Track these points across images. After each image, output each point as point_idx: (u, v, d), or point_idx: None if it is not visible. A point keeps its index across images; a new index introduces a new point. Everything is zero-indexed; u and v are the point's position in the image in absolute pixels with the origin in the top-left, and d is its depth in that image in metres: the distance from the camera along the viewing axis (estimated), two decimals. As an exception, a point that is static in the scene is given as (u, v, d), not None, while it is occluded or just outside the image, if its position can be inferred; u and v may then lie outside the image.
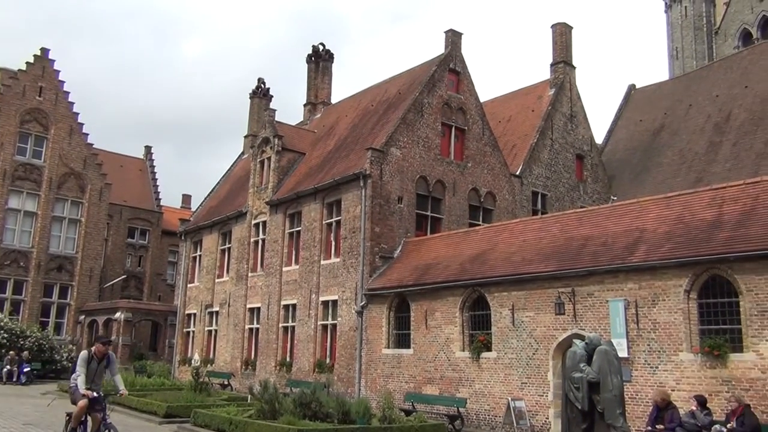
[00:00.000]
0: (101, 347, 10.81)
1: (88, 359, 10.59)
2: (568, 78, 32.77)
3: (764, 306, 13.79)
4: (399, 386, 21.74)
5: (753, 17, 58.76)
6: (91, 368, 10.60)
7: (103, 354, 10.80)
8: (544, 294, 17.93)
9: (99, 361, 10.73)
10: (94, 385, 10.58)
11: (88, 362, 10.57)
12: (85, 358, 10.57)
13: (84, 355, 10.67)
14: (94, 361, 10.68)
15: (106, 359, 10.86)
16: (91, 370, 10.61)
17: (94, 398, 10.28)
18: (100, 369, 10.77)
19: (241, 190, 34.84)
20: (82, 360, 10.56)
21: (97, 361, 10.70)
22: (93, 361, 10.66)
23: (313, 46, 39.78)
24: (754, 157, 27.40)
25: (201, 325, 34.23)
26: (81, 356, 10.67)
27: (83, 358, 10.56)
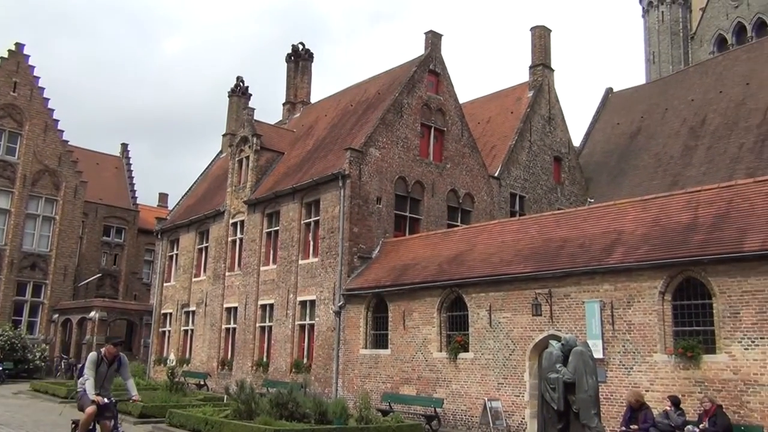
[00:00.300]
0: (112, 348, 9.93)
1: (97, 361, 9.72)
2: (547, 81, 32.99)
3: (737, 308, 13.99)
4: (376, 386, 21.73)
5: (728, 23, 59.64)
6: (100, 371, 9.74)
7: (114, 356, 9.91)
8: (521, 295, 18.03)
9: (109, 363, 9.89)
10: (104, 390, 9.73)
11: (97, 365, 9.71)
12: (95, 361, 9.70)
13: (93, 357, 9.77)
14: (104, 363, 9.81)
15: (117, 361, 9.98)
16: (101, 374, 9.74)
17: (104, 404, 9.40)
18: (110, 372, 9.93)
19: (218, 189, 34.61)
20: (91, 362, 9.67)
21: (107, 364, 9.85)
22: (103, 364, 9.79)
23: (293, 45, 39.68)
24: (728, 161, 27.80)
25: (177, 324, 33.94)
26: (90, 358, 9.77)
27: (92, 361, 9.68)
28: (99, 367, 9.72)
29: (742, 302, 13.92)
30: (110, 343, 10.08)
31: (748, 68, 31.36)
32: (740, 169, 26.33)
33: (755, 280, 13.79)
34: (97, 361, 9.70)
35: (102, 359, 9.78)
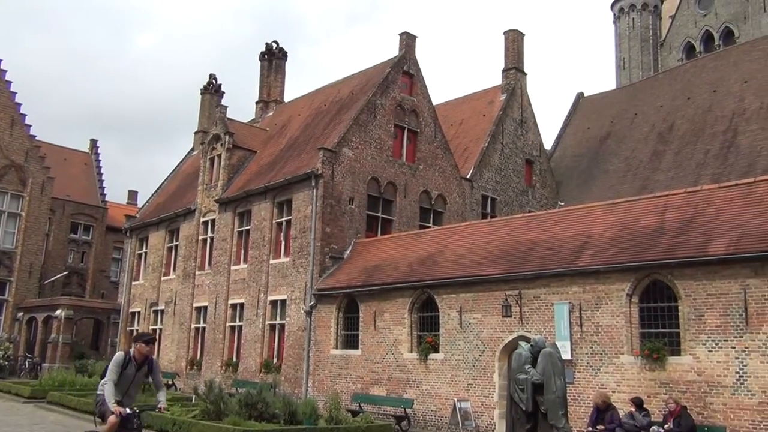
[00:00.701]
0: (143, 347, 8.28)
1: (123, 363, 8.12)
2: (519, 84, 33.28)
3: (701, 311, 14.27)
4: (346, 387, 21.72)
5: (696, 31, 60.76)
6: (126, 375, 8.15)
7: (144, 357, 8.30)
8: (491, 296, 18.18)
9: (138, 366, 8.28)
10: (128, 398, 8.23)
11: (122, 367, 8.11)
12: (120, 362, 8.10)
13: (119, 358, 8.17)
14: (131, 365, 8.19)
15: (148, 364, 8.38)
16: (126, 378, 8.16)
17: (126, 415, 7.78)
18: (138, 377, 8.35)
19: (189, 187, 34.29)
20: (116, 364, 8.09)
21: (135, 367, 8.24)
22: (130, 366, 8.18)
23: (267, 43, 39.47)
24: (694, 167, 28.32)
25: (145, 323, 33.55)
26: (115, 359, 8.18)
27: (117, 362, 8.09)
28: (125, 370, 8.15)
29: (707, 305, 14.21)
30: (141, 341, 8.37)
31: (715, 76, 31.99)
32: (706, 175, 26.85)
33: (719, 284, 14.08)
34: (123, 363, 8.13)
35: (130, 360, 8.19)
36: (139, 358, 8.25)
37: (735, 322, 13.79)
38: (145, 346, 8.31)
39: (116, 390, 7.94)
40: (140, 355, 8.25)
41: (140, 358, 8.26)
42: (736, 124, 28.60)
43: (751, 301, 13.60)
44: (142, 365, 8.31)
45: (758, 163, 25.57)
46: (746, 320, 13.61)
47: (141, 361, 8.29)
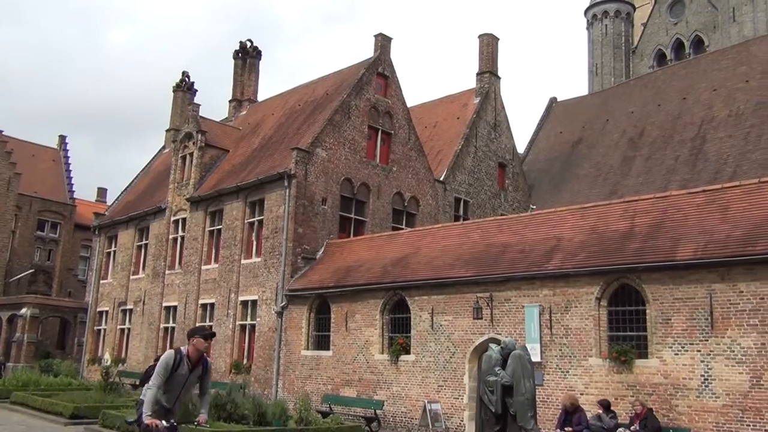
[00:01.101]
0: (201, 343, 6.87)
1: (173, 364, 6.71)
2: (493, 88, 33.47)
3: (668, 314, 14.48)
4: (317, 388, 21.64)
5: (668, 39, 61.77)
6: (177, 377, 6.75)
7: (200, 356, 6.93)
8: (463, 298, 18.24)
9: (191, 368, 6.85)
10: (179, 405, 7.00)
11: (173, 369, 6.70)
12: (169, 363, 6.69)
13: (168, 358, 6.73)
14: (183, 366, 6.77)
15: (203, 365, 7.01)
16: (178, 381, 6.77)
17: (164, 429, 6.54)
18: (191, 380, 6.93)
19: (160, 185, 33.89)
20: (164, 366, 6.66)
21: (189, 367, 6.82)
22: (182, 366, 6.76)
23: (241, 42, 39.20)
24: (664, 172, 28.76)
25: (113, 323, 33.09)
26: (164, 359, 6.74)
27: (166, 363, 6.68)
28: (175, 372, 6.72)
29: (674, 309, 14.42)
30: (198, 335, 6.96)
31: (685, 84, 32.53)
32: (675, 180, 27.28)
33: (686, 288, 14.30)
34: (173, 364, 6.72)
35: (181, 361, 6.76)
36: (194, 356, 6.86)
37: (701, 326, 14.01)
38: (204, 341, 6.92)
39: (165, 396, 6.66)
40: (196, 352, 6.87)
41: (196, 356, 6.87)
42: (705, 131, 29.12)
43: (717, 305, 13.84)
44: (196, 365, 6.90)
45: (725, 170, 26.06)
46: (711, 324, 13.84)
47: (196, 360, 6.89)
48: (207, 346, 7.03)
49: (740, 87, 29.66)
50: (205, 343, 6.94)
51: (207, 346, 7.03)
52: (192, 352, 6.85)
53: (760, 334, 13.26)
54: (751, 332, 13.37)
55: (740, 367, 13.40)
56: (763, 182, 15.78)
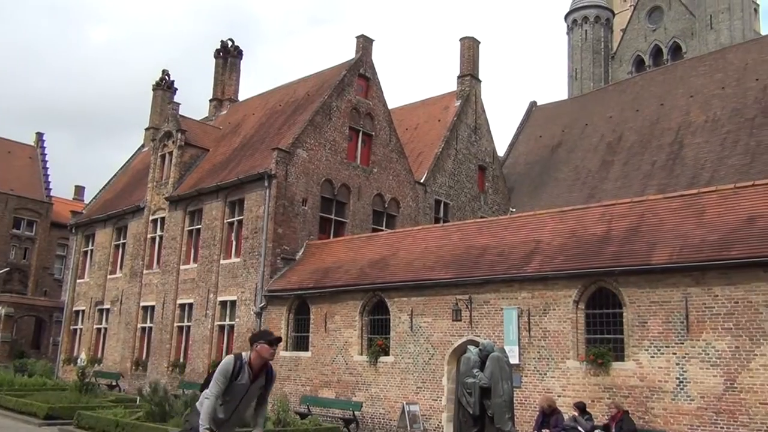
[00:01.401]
0: (266, 350, 6.04)
1: (233, 371, 5.96)
2: (474, 91, 33.62)
3: (645, 318, 14.65)
4: (295, 389, 21.58)
5: (646, 45, 62.50)
6: (236, 387, 5.98)
7: (262, 366, 6.12)
8: (442, 300, 18.30)
9: (255, 375, 6.07)
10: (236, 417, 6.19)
11: (232, 377, 5.95)
12: (228, 370, 5.93)
13: (227, 364, 5.96)
14: (243, 375, 5.99)
15: (266, 374, 6.21)
16: (237, 391, 6.00)
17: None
18: (251, 392, 6.11)
19: (139, 184, 33.60)
20: (223, 372, 5.92)
21: (250, 376, 6.03)
22: (243, 375, 5.99)
23: (222, 41, 38.97)
24: (641, 177, 29.07)
25: (90, 322, 32.72)
26: (223, 365, 5.97)
27: (225, 370, 5.92)
28: (236, 380, 5.97)
29: (650, 312, 14.59)
30: (263, 340, 6.08)
31: (663, 89, 32.92)
32: (652, 185, 27.59)
33: (662, 292, 14.48)
34: (233, 371, 5.95)
35: (242, 369, 6.00)
36: (257, 364, 6.05)
37: (676, 329, 14.20)
38: (269, 348, 6.06)
39: (221, 408, 5.92)
40: (259, 360, 6.04)
41: (259, 364, 6.06)
42: (682, 136, 29.49)
43: (692, 309, 14.02)
44: (258, 374, 6.09)
45: (702, 175, 26.40)
46: (687, 327, 14.02)
47: (259, 368, 6.07)
48: (272, 353, 6.09)
49: (717, 93, 30.09)
50: (270, 349, 6.06)
51: (272, 353, 6.09)
52: (254, 360, 6.03)
53: (734, 337, 13.46)
54: (726, 336, 13.57)
55: (714, 370, 13.59)
56: (738, 188, 16.04)
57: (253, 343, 6.10)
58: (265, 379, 6.17)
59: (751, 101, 28.30)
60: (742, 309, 13.46)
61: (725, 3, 54.19)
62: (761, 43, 32.26)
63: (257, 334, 6.23)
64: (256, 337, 6.17)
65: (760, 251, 13.42)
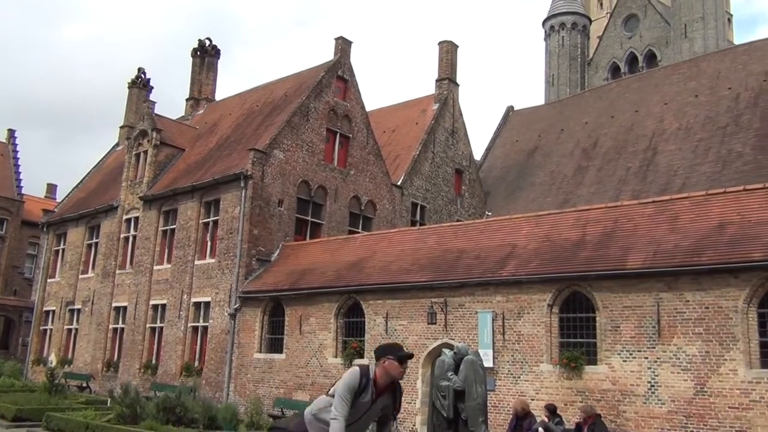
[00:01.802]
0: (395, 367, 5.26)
1: (359, 387, 5.17)
2: (452, 95, 33.73)
3: (617, 322, 14.79)
4: (269, 391, 21.44)
5: (622, 52, 63.25)
6: (358, 406, 5.18)
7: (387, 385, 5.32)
8: (417, 303, 18.32)
9: (378, 393, 5.27)
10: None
11: (357, 393, 5.17)
12: (354, 386, 5.15)
13: (353, 379, 5.17)
14: (367, 393, 5.21)
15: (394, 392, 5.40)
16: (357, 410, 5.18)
17: None
18: (371, 412, 5.32)
19: (113, 183, 33.19)
20: (349, 388, 5.14)
21: (373, 394, 5.24)
22: (365, 394, 5.20)
23: (200, 40, 38.61)
24: (616, 183, 29.37)
25: (60, 323, 32.22)
26: (348, 380, 5.17)
27: (350, 385, 5.14)
28: (359, 398, 5.17)
29: (623, 317, 14.74)
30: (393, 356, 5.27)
31: (638, 96, 33.30)
32: (626, 191, 27.89)
33: (635, 296, 14.63)
34: (359, 387, 5.17)
35: (366, 385, 5.21)
36: (382, 382, 5.27)
37: (648, 333, 14.35)
38: (399, 366, 5.25)
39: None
40: (386, 377, 5.27)
41: (384, 382, 5.28)
42: (656, 143, 29.86)
43: (664, 314, 14.19)
44: (382, 393, 5.30)
45: (674, 182, 26.75)
46: (659, 332, 14.18)
47: (384, 386, 5.30)
48: (402, 372, 5.28)
49: (690, 101, 30.52)
50: (400, 367, 5.26)
51: (402, 372, 5.28)
52: (380, 377, 5.25)
53: (704, 342, 13.64)
54: (696, 340, 13.75)
55: (685, 374, 13.76)
56: (710, 194, 16.28)
57: (380, 358, 5.31)
58: (391, 398, 5.37)
59: (724, 110, 28.75)
60: (712, 314, 13.65)
61: (699, 12, 55.05)
62: (734, 52, 32.79)
63: (385, 348, 5.40)
64: (383, 351, 5.36)
65: (730, 257, 13.64)
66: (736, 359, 13.25)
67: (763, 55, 29.58)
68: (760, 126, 26.63)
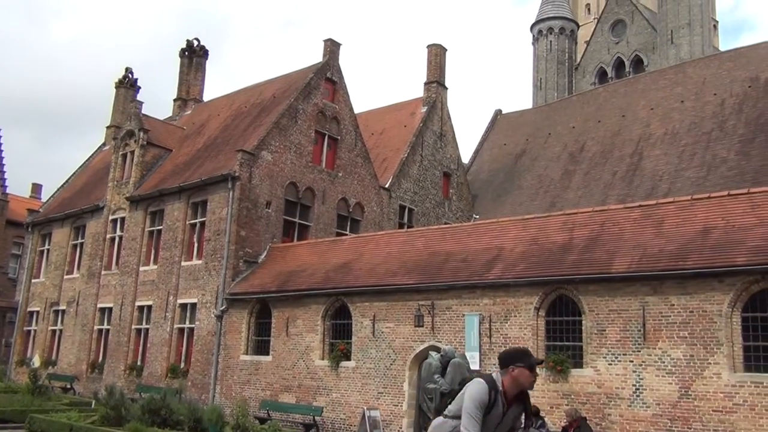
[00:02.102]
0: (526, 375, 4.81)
1: (489, 400, 4.73)
2: (440, 98, 33.81)
3: (603, 326, 14.88)
4: (255, 393, 21.37)
5: (609, 57, 63.63)
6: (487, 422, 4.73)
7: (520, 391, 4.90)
8: (404, 306, 18.33)
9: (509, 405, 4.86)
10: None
11: (489, 407, 4.73)
12: (484, 400, 4.71)
13: (481, 393, 4.73)
14: (498, 406, 4.77)
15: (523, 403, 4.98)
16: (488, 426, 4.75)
17: None
18: (503, 425, 4.86)
19: (99, 183, 32.97)
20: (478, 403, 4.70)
21: (504, 406, 4.82)
22: (497, 406, 4.77)
23: (188, 40, 38.47)
24: (602, 187, 29.56)
25: (44, 323, 31.96)
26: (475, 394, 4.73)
27: (479, 400, 4.70)
28: (491, 412, 4.74)
29: (609, 320, 14.83)
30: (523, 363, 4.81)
31: (625, 101, 33.55)
32: (613, 195, 28.07)
33: (621, 300, 14.73)
34: (489, 400, 4.71)
35: (497, 398, 4.77)
36: (512, 392, 4.84)
37: (634, 337, 14.45)
38: (530, 374, 4.82)
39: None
40: (516, 387, 4.84)
41: (514, 392, 4.86)
42: (642, 148, 30.08)
43: (649, 317, 14.29)
44: (512, 403, 4.88)
45: (660, 186, 26.96)
46: (644, 336, 14.29)
47: (514, 396, 4.87)
48: (533, 381, 4.85)
49: (676, 107, 30.77)
50: (531, 376, 4.81)
51: (533, 381, 4.85)
52: (508, 386, 4.82)
53: (689, 346, 13.75)
54: (681, 344, 13.86)
55: (670, 377, 13.87)
56: (695, 199, 16.42)
57: (508, 365, 4.85)
58: (521, 408, 4.95)
59: (709, 115, 29.01)
60: (697, 318, 13.77)
61: (686, 19, 55.52)
62: (719, 58, 33.11)
63: (513, 354, 4.92)
64: (511, 358, 4.88)
65: (715, 262, 13.77)
66: (720, 363, 13.37)
67: (748, 61, 29.89)
68: (745, 132, 26.91)
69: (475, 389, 4.74)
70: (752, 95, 28.35)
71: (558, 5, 68.23)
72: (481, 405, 4.67)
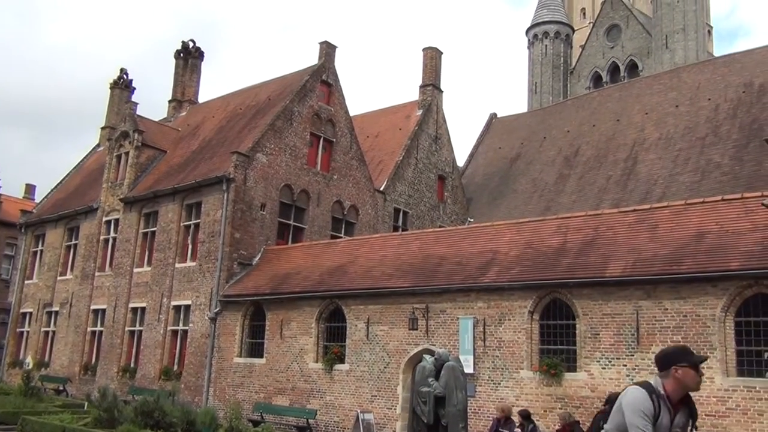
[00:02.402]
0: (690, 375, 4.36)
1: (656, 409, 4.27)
2: (436, 101, 33.85)
3: (597, 329, 14.91)
4: (249, 396, 21.32)
5: (604, 62, 63.83)
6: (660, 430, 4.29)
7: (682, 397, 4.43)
8: (399, 309, 18.33)
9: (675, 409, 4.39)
10: None
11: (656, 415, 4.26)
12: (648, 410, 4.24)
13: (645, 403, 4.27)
14: (663, 414, 4.30)
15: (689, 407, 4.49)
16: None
17: None
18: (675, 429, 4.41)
19: (93, 184, 32.87)
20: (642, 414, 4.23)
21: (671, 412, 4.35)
22: (663, 415, 4.29)
23: (183, 42, 38.41)
24: (596, 191, 29.62)
25: (37, 325, 31.83)
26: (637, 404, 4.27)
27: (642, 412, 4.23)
28: (659, 420, 4.28)
29: (602, 324, 14.86)
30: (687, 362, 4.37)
31: (620, 106, 33.63)
32: (607, 199, 28.13)
33: (614, 304, 14.76)
34: (655, 409, 4.26)
35: (661, 405, 4.30)
36: (676, 395, 4.37)
37: (627, 341, 14.47)
38: (696, 374, 4.36)
39: None
40: (681, 390, 4.38)
41: (679, 394, 4.39)
42: (636, 152, 30.15)
43: (643, 321, 14.32)
44: (678, 409, 4.40)
45: (654, 191, 27.03)
46: (638, 340, 14.31)
47: (678, 401, 4.40)
48: (699, 381, 4.39)
49: (670, 111, 30.86)
50: (697, 376, 4.35)
51: (699, 381, 4.39)
52: (672, 390, 4.34)
53: (682, 350, 13.74)
54: (674, 348, 13.85)
55: (663, 381, 13.85)
56: (689, 204, 16.47)
57: (669, 366, 4.38)
58: (687, 412, 4.44)
59: (703, 120, 29.11)
60: (690, 322, 13.80)
61: (680, 24, 55.73)
62: (714, 63, 33.24)
63: (675, 354, 4.49)
64: (672, 358, 4.42)
65: (708, 266, 13.81)
66: (713, 367, 13.40)
67: (742, 67, 30.01)
68: (739, 137, 27.00)
69: (633, 398, 4.26)
70: (746, 100, 28.46)
71: (553, 9, 68.42)
72: (648, 414, 4.21)
